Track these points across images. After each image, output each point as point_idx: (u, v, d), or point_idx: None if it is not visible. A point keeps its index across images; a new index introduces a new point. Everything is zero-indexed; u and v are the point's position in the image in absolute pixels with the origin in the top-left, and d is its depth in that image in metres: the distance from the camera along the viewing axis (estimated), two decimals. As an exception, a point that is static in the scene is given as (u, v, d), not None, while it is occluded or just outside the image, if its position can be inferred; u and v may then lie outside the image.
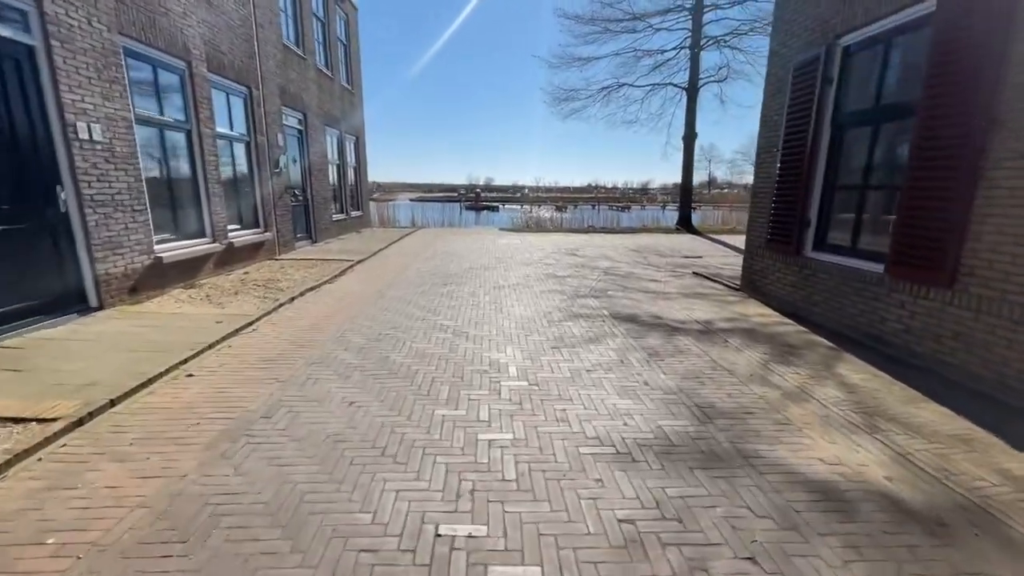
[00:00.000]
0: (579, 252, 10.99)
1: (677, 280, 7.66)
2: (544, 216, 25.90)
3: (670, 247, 12.18)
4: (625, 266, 9.06)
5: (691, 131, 16.13)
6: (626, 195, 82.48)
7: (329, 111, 11.89)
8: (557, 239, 13.80)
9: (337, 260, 8.71)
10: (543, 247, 11.84)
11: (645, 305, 5.92)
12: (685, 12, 15.39)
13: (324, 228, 11.42)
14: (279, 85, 9.01)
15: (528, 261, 9.50)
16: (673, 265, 9.25)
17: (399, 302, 5.89)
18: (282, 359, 3.87)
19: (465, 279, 7.48)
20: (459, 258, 9.75)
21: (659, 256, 10.52)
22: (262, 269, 7.61)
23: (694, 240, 14.00)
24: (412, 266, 8.66)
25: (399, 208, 25.58)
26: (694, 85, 15.74)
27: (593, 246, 12.17)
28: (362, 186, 14.82)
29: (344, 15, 13.32)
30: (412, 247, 11.50)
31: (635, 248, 11.84)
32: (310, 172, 10.59)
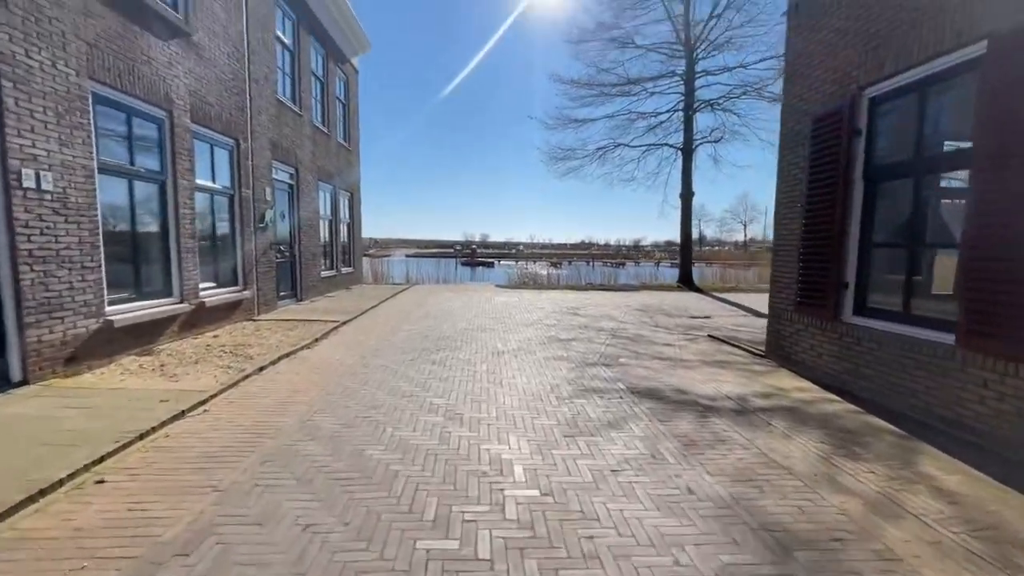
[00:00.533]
0: (581, 311, 10.38)
1: (692, 344, 7.00)
2: (540, 272, 25.59)
3: (675, 306, 11.63)
4: (632, 327, 8.41)
5: (688, 190, 16.15)
6: (620, 252, 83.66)
7: (323, 167, 11.66)
8: (556, 297, 13.24)
9: (321, 321, 8.01)
10: (542, 306, 11.25)
11: (664, 376, 5.22)
12: (677, 78, 15.91)
13: (312, 285, 10.81)
14: (271, 139, 8.73)
15: (528, 321, 8.84)
16: (683, 326, 8.62)
17: (384, 372, 5.14)
18: (229, 454, 3.08)
19: (460, 343, 6.77)
20: (454, 318, 9.09)
21: (666, 316, 9.92)
22: (236, 332, 6.88)
23: (698, 299, 13.49)
24: (402, 328, 7.97)
25: (393, 264, 25.19)
26: (689, 145, 15.95)
27: (594, 305, 11.59)
28: (355, 242, 14.41)
29: (344, 76, 13.51)
30: (404, 305, 10.86)
31: (639, 307, 11.26)
32: (299, 227, 10.13)
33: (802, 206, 5.30)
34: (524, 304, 11.46)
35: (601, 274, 25.03)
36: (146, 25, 5.49)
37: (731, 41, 14.94)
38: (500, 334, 7.53)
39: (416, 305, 10.89)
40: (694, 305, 11.89)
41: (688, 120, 15.78)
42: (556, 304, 11.60)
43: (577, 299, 12.74)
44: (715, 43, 14.92)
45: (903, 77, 4.16)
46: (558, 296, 13.45)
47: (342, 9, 12.06)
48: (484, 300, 12.12)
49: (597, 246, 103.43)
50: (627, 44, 15.47)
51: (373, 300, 11.05)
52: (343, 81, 13.52)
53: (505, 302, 11.79)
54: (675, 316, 9.95)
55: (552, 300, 12.42)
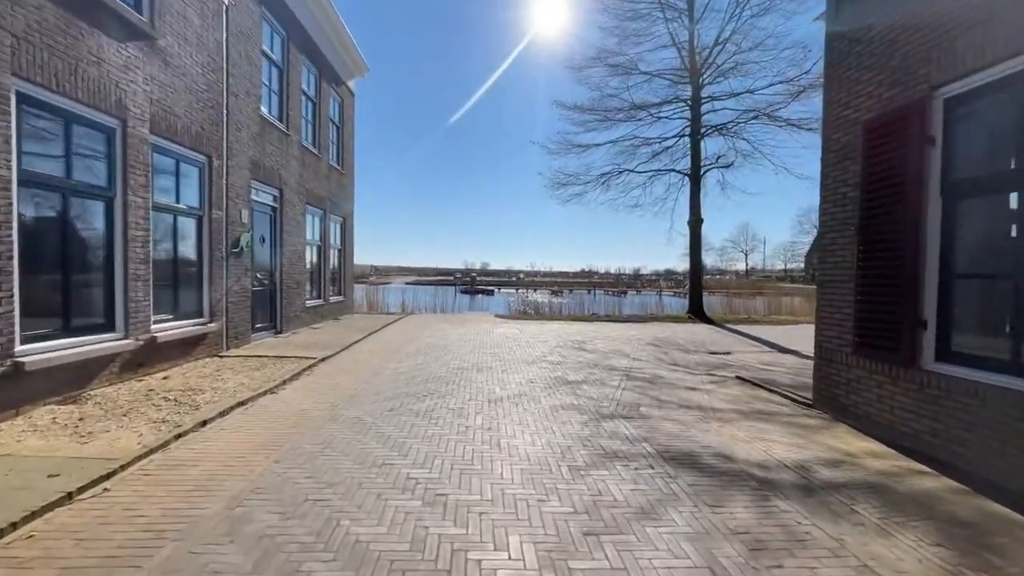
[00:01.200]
0: (588, 346, 9.46)
1: (721, 388, 6.06)
2: (541, 301, 24.69)
3: (689, 340, 10.70)
4: (648, 365, 7.48)
5: (696, 216, 15.47)
6: (621, 280, 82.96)
7: (313, 190, 10.98)
8: (559, 328, 12.33)
9: (296, 357, 7.10)
10: (545, 338, 10.33)
11: (697, 432, 4.27)
12: (682, 103, 15.48)
13: (294, 316, 9.93)
14: (251, 158, 8.04)
15: (530, 358, 7.91)
16: (705, 365, 7.68)
17: (354, 429, 4.20)
18: (107, 569, 2.14)
19: (452, 386, 5.84)
20: (448, 354, 8.16)
21: (682, 352, 8.99)
22: (192, 372, 5.96)
23: (712, 331, 12.56)
24: (387, 366, 7.03)
25: (390, 292, 24.29)
26: (697, 171, 15.37)
27: (602, 337, 10.67)
28: (347, 270, 13.61)
29: (339, 98, 13.03)
30: (394, 338, 9.94)
31: (651, 341, 10.34)
32: (282, 253, 9.33)
33: (857, 229, 4.48)
34: (526, 337, 10.54)
35: (604, 303, 24.11)
36: (97, 23, 4.82)
37: (738, 67, 14.60)
38: (499, 374, 6.60)
39: (407, 338, 9.96)
40: (710, 339, 10.96)
41: (695, 145, 15.26)
42: (560, 337, 10.68)
43: (583, 331, 11.82)
44: (722, 69, 14.59)
45: (990, 73, 3.41)
46: (562, 328, 12.54)
47: (337, 30, 11.66)
48: (482, 332, 11.21)
49: (598, 275, 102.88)
50: (631, 71, 15.13)
51: (361, 332, 10.14)
52: (338, 103, 13.03)
53: (505, 334, 10.88)
54: (692, 352, 9.02)
55: (556, 332, 11.51)
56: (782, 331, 12.60)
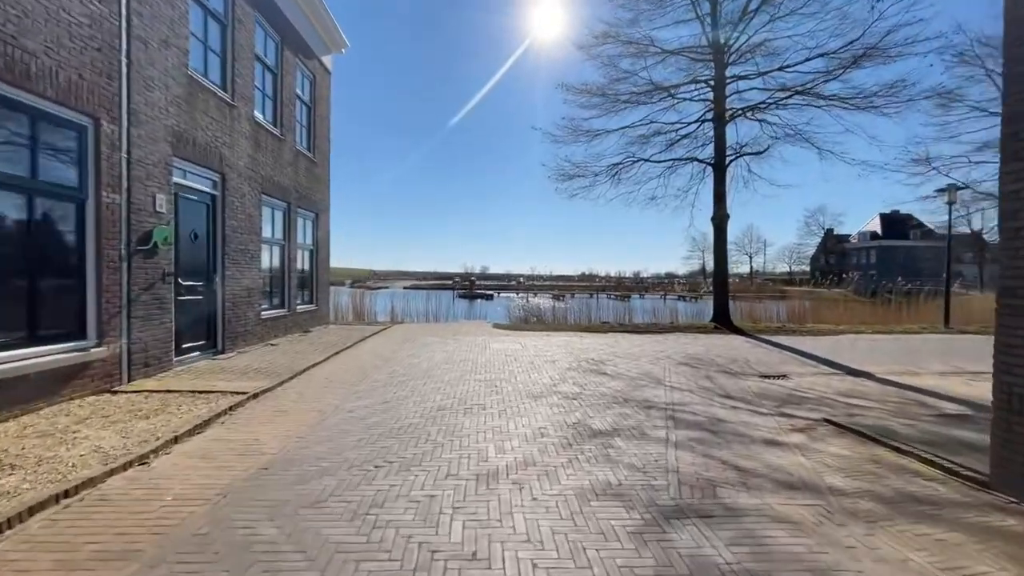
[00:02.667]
0: (608, 367, 7.58)
1: (815, 442, 4.18)
2: (543, 306, 22.61)
3: (728, 356, 8.81)
4: (694, 399, 5.60)
5: (721, 212, 13.59)
6: (623, 284, 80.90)
7: (271, 178, 9.12)
8: (568, 342, 10.44)
9: (221, 392, 5.23)
10: (553, 357, 8.44)
11: (841, 555, 2.39)
12: (703, 84, 13.64)
13: (243, 331, 8.05)
14: (173, 128, 6.18)
15: (537, 389, 6.03)
16: (767, 397, 5.80)
17: (234, 557, 2.32)
18: None
19: (424, 446, 3.96)
20: (428, 383, 6.28)
21: (728, 375, 7.10)
22: (36, 424, 4.07)
23: (749, 345, 10.65)
24: (343, 406, 5.15)
25: (380, 298, 22.33)
26: (722, 160, 13.48)
27: (622, 355, 8.79)
28: (319, 274, 11.73)
29: (311, 75, 11.19)
30: (366, 358, 8.06)
31: (683, 359, 8.44)
32: (224, 253, 7.46)
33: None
34: (529, 355, 8.66)
35: (611, 309, 22.10)
36: None
37: (767, 42, 12.79)
38: (494, 419, 4.72)
39: (382, 359, 8.07)
40: (752, 355, 9.07)
41: (720, 131, 13.40)
42: (571, 354, 8.80)
43: (596, 346, 9.93)
44: (750, 43, 12.77)
45: None
46: (571, 342, 10.65)
47: (305, -10, 9.85)
48: (476, 348, 9.32)
49: (599, 278, 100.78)
50: (646, 50, 13.29)
51: (327, 350, 8.26)
52: (309, 80, 11.20)
53: (504, 351, 9.00)
54: (740, 375, 7.14)
55: (565, 348, 9.62)
56: (828, 344, 10.72)
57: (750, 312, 21.48)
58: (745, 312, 21.89)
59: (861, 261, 65.77)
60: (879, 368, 7.80)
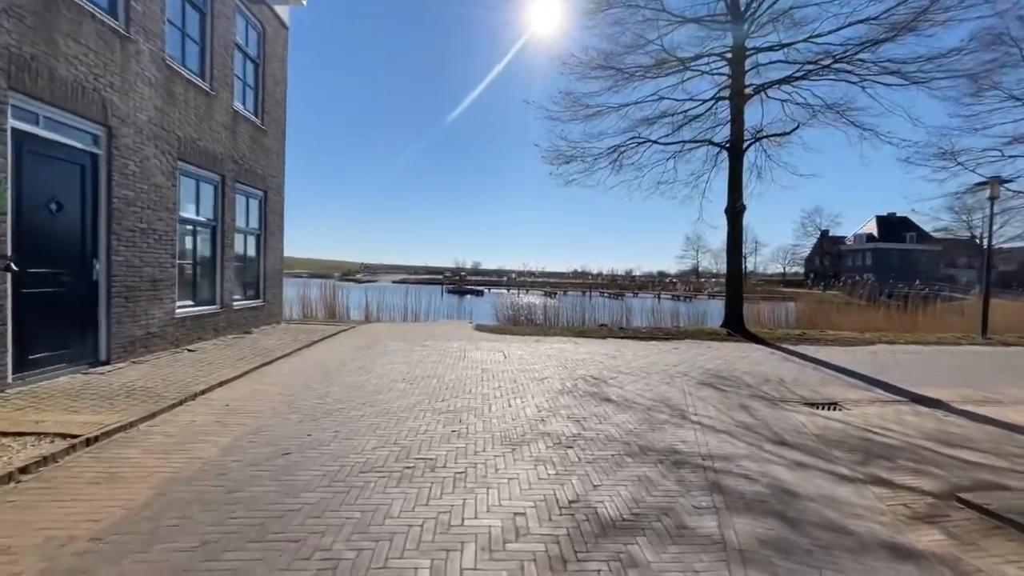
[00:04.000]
0: (612, 389, 5.91)
1: (964, 549, 2.53)
2: (534, 304, 20.73)
3: (756, 374, 7.18)
4: (741, 450, 3.93)
5: (737, 202, 11.96)
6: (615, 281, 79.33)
7: (195, 141, 7.30)
8: (561, 350, 8.75)
9: (38, 436, 3.47)
10: (543, 372, 6.75)
11: None
12: (716, 58, 11.97)
13: (145, 335, 6.25)
14: (5, 48, 4.37)
15: (515, 431, 4.33)
16: (837, 443, 4.15)
17: None
18: None
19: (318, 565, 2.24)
20: (364, 415, 4.56)
21: (767, 403, 5.46)
22: None
23: (775, 358, 9.02)
24: (214, 464, 3.40)
25: (359, 292, 20.35)
26: (739, 144, 11.83)
27: (627, 370, 7.11)
28: (268, 264, 9.91)
29: (258, 24, 9.33)
30: (302, 372, 6.31)
31: (703, 378, 6.79)
32: (111, 233, 5.66)
33: None
34: (512, 368, 6.96)
35: (606, 309, 20.33)
36: None
37: (794, 9, 11.15)
38: (444, 495, 3.01)
39: (323, 373, 6.32)
40: (782, 372, 7.44)
41: (737, 110, 11.75)
42: (564, 367, 7.11)
43: (595, 356, 8.26)
44: (775, 9, 11.12)
45: None
46: (564, 348, 8.97)
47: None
48: (449, 358, 7.61)
49: (592, 275, 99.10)
50: (657, 15, 11.55)
51: (256, 360, 6.49)
52: (256, 31, 9.34)
53: (482, 363, 7.29)
54: (781, 402, 5.50)
55: (557, 358, 7.94)
56: (865, 357, 9.14)
57: (757, 316, 19.89)
58: (751, 315, 20.32)
59: (856, 263, 64.99)
60: (947, 393, 6.22)
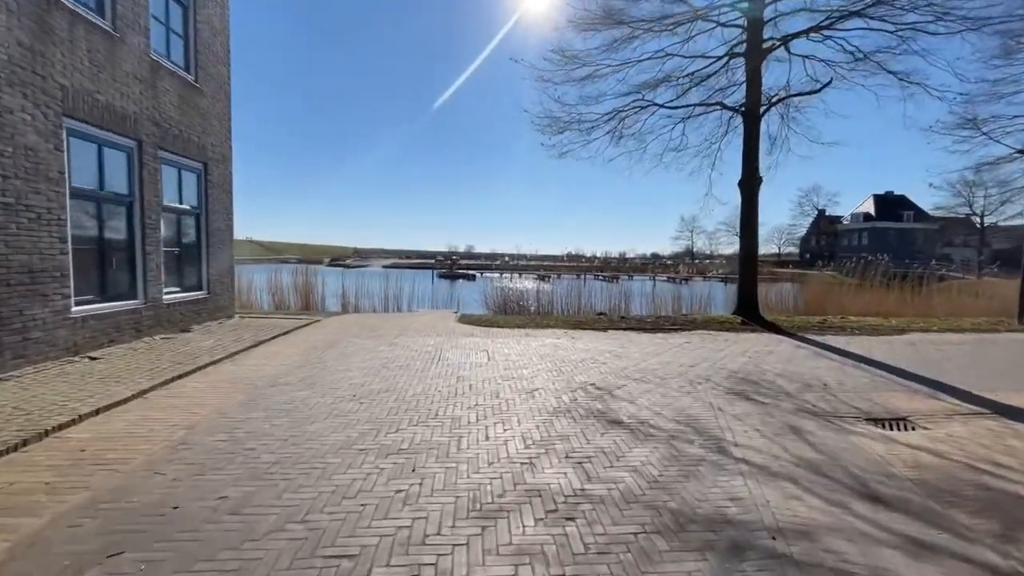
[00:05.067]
0: (619, 404, 4.63)
1: None
2: (527, 288, 19.18)
3: (789, 374, 5.94)
4: (817, 513, 2.67)
5: (752, 173, 10.60)
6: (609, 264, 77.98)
7: (92, 94, 5.79)
8: (556, 347, 7.47)
9: None
10: (532, 379, 5.46)
11: None
12: (729, 9, 10.44)
13: (19, 343, 4.86)
14: None
15: (489, 483, 3.04)
16: (944, 493, 2.91)
17: None
18: None
19: None
20: (283, 460, 3.24)
21: (815, 419, 4.21)
22: None
23: (804, 352, 7.78)
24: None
25: (335, 279, 18.65)
26: (755, 106, 10.39)
27: (636, 373, 5.84)
28: (213, 249, 8.46)
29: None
30: (221, 391, 4.96)
31: (730, 382, 5.52)
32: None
33: None
34: (496, 375, 5.66)
35: (603, 293, 18.88)
36: None
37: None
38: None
39: (253, 387, 4.96)
40: (821, 371, 6.21)
41: (754, 68, 10.29)
42: (560, 373, 5.83)
43: (595, 354, 6.98)
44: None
45: None
46: (560, 345, 7.69)
47: None
48: (421, 361, 6.29)
49: (586, 258, 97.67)
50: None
51: (162, 373, 5.13)
52: (184, -34, 7.71)
53: (459, 368, 5.99)
54: (836, 419, 4.25)
55: (552, 358, 6.65)
56: (906, 350, 7.95)
57: (764, 299, 18.70)
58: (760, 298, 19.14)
59: (853, 243, 64.20)
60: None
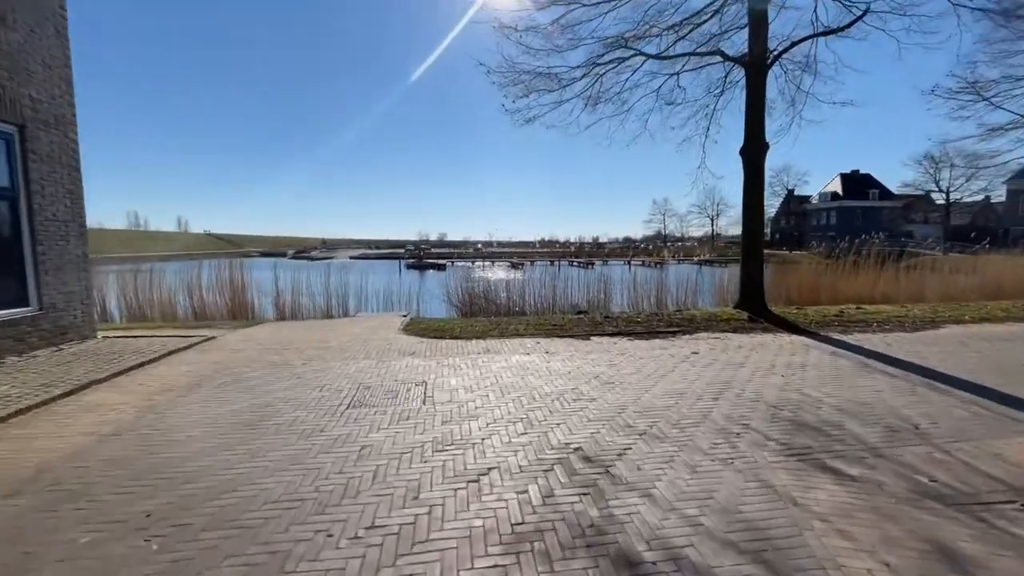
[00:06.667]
0: (624, 500, 2.69)
1: None
2: (497, 278, 16.90)
3: (853, 405, 4.15)
4: None
5: (757, 139, 8.80)
6: (583, 249, 76.87)
7: None
8: (524, 370, 5.50)
9: None
10: (484, 436, 3.48)
11: None
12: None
13: None
14: None
15: None
16: None
17: None
18: None
19: None
20: None
21: (946, 511, 2.39)
22: None
23: (848, 364, 6.07)
24: None
25: (257, 270, 15.41)
26: (761, 57, 8.53)
27: (641, 425, 3.94)
28: (41, 245, 6.07)
29: None
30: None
31: (785, 435, 3.67)
32: None
33: None
34: (426, 441, 3.66)
35: (580, 283, 16.81)
36: None
37: None
38: None
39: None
40: (895, 401, 4.45)
41: (758, 13, 8.41)
42: (528, 420, 3.87)
43: (579, 380, 5.06)
44: None
45: None
46: (530, 367, 5.74)
47: None
48: (318, 415, 4.22)
49: (559, 244, 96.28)
50: None
51: None
52: None
53: (369, 429, 3.95)
54: (994, 518, 2.46)
55: (518, 394, 4.69)
56: (958, 349, 6.36)
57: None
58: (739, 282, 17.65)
59: (821, 222, 64.72)
60: None
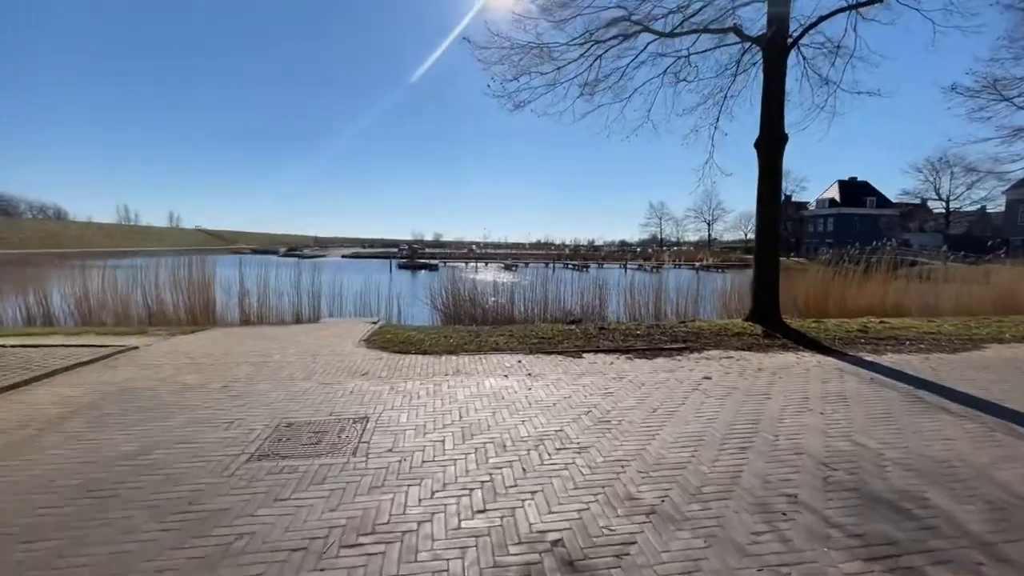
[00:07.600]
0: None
1: None
2: (487, 281, 15.68)
3: (922, 458, 3.09)
4: None
5: (774, 130, 7.77)
6: (578, 252, 76.06)
7: None
8: (499, 400, 4.41)
9: None
10: (425, 517, 2.41)
11: None
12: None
13: None
14: None
15: None
16: None
17: None
18: None
19: None
20: None
21: None
22: None
23: (896, 398, 5.03)
24: None
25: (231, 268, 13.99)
26: (782, 37, 7.47)
27: (642, 480, 2.87)
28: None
29: None
30: None
31: (843, 517, 2.60)
32: None
33: None
34: (338, 528, 2.57)
35: (574, 287, 15.69)
36: None
37: None
38: None
39: None
40: (980, 457, 3.39)
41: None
42: (492, 486, 2.81)
43: (567, 417, 3.98)
44: None
45: None
46: (508, 396, 4.66)
47: None
48: (202, 476, 3.13)
49: (555, 246, 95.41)
50: None
51: None
52: None
53: (256, 506, 2.87)
54: None
55: (485, 434, 3.61)
56: (1010, 372, 5.33)
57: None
58: (744, 290, 16.62)
59: (819, 229, 64.27)
60: None
